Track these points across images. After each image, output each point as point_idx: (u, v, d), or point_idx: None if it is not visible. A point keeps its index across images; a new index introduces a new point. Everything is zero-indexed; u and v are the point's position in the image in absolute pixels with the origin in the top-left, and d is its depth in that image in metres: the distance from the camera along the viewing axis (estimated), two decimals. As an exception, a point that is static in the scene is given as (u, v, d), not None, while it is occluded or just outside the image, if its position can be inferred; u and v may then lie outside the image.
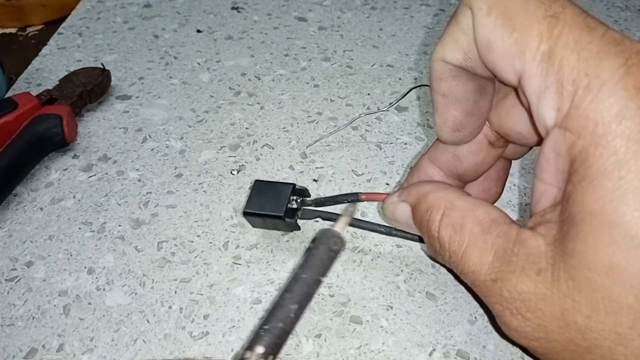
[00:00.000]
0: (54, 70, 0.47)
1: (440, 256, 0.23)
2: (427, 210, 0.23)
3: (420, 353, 0.27)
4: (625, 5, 0.57)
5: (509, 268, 0.20)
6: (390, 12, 0.56)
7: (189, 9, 0.56)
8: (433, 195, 0.23)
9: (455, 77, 0.23)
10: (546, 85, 0.19)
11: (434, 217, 0.23)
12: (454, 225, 0.22)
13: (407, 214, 0.24)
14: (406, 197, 0.25)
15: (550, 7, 0.19)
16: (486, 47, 0.20)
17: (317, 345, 0.27)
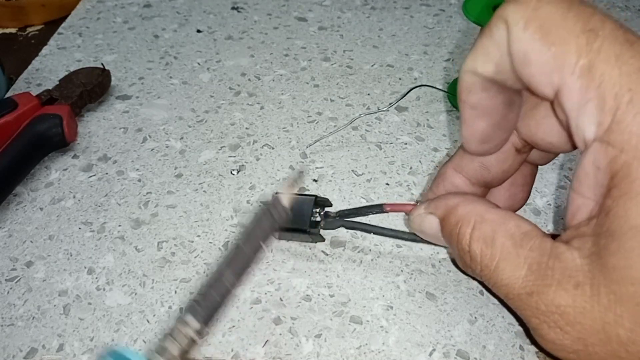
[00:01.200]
0: (54, 70, 0.47)
1: (471, 269, 0.23)
2: (456, 223, 0.23)
3: (420, 353, 0.27)
4: (625, 5, 0.57)
5: (544, 282, 0.20)
6: (390, 12, 0.56)
7: (189, 9, 0.56)
8: (462, 208, 0.23)
9: (485, 90, 0.23)
10: (586, 99, 0.19)
11: (464, 231, 0.23)
12: (485, 239, 0.22)
13: (435, 227, 0.24)
14: (434, 209, 0.25)
15: (589, 21, 0.19)
16: (523, 61, 0.20)
17: (317, 345, 0.27)
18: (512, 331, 0.27)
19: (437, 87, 0.44)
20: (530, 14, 0.20)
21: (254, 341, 0.27)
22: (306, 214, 0.29)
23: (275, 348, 0.27)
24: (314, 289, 0.29)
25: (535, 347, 0.27)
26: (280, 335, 0.27)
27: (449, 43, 0.51)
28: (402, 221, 0.33)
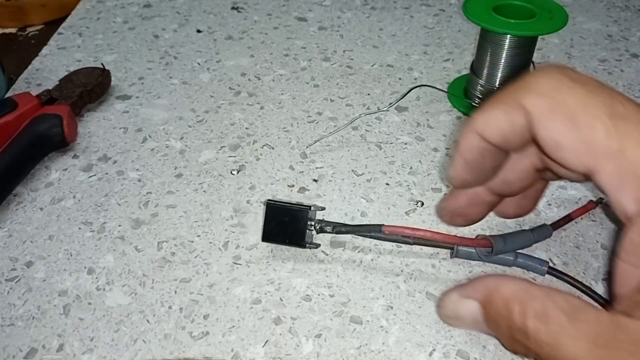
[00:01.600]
0: (54, 70, 0.47)
1: (527, 348, 0.22)
2: (504, 303, 0.22)
3: (420, 353, 0.27)
4: (625, 5, 0.57)
5: (616, 354, 0.20)
6: (390, 12, 0.56)
7: (189, 9, 0.56)
8: (506, 287, 0.23)
9: (484, 153, 0.25)
10: (622, 180, 0.20)
11: (515, 309, 0.22)
12: (538, 315, 0.21)
13: (475, 311, 0.24)
14: (472, 293, 0.24)
15: (612, 106, 0.21)
16: (554, 147, 0.22)
17: (317, 345, 0.27)
18: (512, 331, 0.27)
19: (437, 87, 0.44)
20: (553, 104, 0.21)
21: (254, 341, 0.27)
22: (302, 229, 0.29)
23: (275, 348, 0.27)
24: (314, 289, 0.29)
25: None
26: (280, 335, 0.27)
27: (449, 43, 0.51)
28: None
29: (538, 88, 0.22)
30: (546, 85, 0.22)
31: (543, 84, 0.22)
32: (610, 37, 0.52)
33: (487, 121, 0.24)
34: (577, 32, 0.52)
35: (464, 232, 0.32)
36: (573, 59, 0.49)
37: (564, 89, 0.22)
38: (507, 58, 0.39)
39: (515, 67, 0.39)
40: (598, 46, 0.50)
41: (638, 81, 0.46)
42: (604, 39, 0.51)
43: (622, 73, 0.47)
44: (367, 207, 0.34)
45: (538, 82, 0.22)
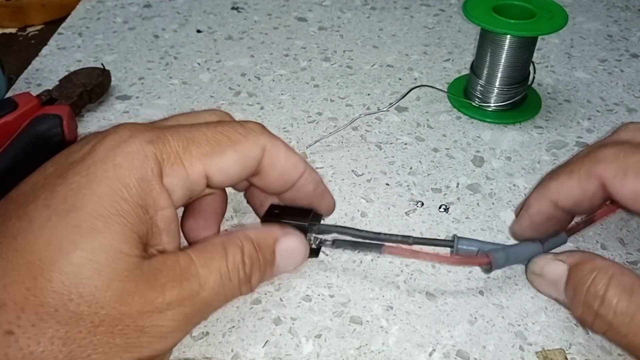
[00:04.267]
0: (54, 70, 0.47)
1: (594, 315, 0.25)
2: (593, 270, 0.25)
3: (420, 353, 0.27)
4: (626, 5, 0.57)
5: None
6: (390, 12, 0.56)
7: (189, 9, 0.56)
8: (600, 261, 0.26)
9: (552, 216, 0.28)
10: None
11: (601, 278, 0.25)
12: (624, 288, 0.24)
13: (561, 272, 0.27)
14: (564, 258, 0.27)
15: None
16: (635, 198, 0.25)
17: (317, 345, 0.27)
18: (512, 331, 0.27)
19: (437, 87, 0.44)
20: (624, 165, 0.25)
21: (254, 341, 0.27)
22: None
23: (275, 348, 0.27)
24: (314, 289, 0.29)
25: None
26: (280, 336, 0.27)
27: (449, 43, 0.51)
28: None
29: (607, 157, 0.26)
30: (613, 153, 0.26)
31: (610, 153, 0.26)
32: (610, 37, 0.52)
33: (561, 190, 0.27)
34: (577, 32, 0.52)
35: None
36: (573, 59, 0.49)
37: (629, 154, 0.25)
38: (507, 58, 0.39)
39: (515, 67, 0.39)
40: (598, 46, 0.50)
41: (638, 81, 0.46)
42: (604, 39, 0.51)
43: (622, 73, 0.47)
44: (367, 207, 0.34)
45: (605, 153, 0.26)
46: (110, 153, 0.22)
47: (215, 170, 0.24)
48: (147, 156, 0.22)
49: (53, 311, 0.19)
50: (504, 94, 0.41)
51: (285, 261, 0.27)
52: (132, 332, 0.21)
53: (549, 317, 0.28)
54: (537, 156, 0.38)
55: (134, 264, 0.21)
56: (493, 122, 0.41)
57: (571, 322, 0.28)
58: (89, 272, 0.20)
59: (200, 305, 0.23)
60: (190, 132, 0.24)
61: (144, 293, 0.21)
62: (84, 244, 0.20)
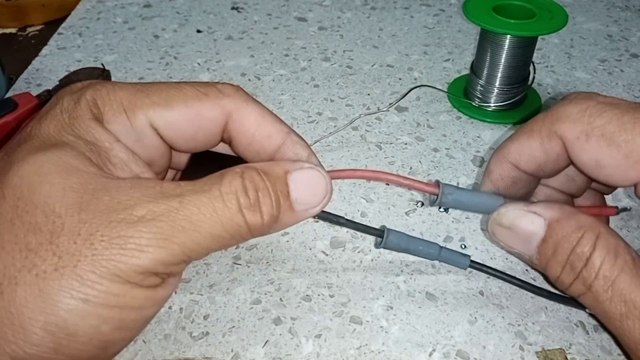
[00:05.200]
0: (54, 70, 0.47)
1: (574, 276, 0.23)
2: (579, 228, 0.23)
3: (420, 353, 0.27)
4: (626, 6, 0.57)
5: None
6: (390, 12, 0.56)
7: (189, 9, 0.56)
8: (583, 217, 0.23)
9: (516, 181, 0.26)
10: None
11: (589, 237, 0.22)
12: (610, 250, 0.22)
13: (538, 227, 0.24)
14: (541, 210, 0.24)
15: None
16: (596, 167, 0.23)
17: (317, 345, 0.27)
18: (512, 331, 0.27)
19: (437, 87, 0.44)
20: (587, 127, 0.23)
21: (254, 341, 0.27)
22: None
23: (275, 348, 0.27)
24: (314, 289, 0.29)
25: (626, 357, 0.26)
26: (280, 336, 0.27)
27: (449, 43, 0.51)
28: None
29: (570, 115, 0.23)
30: (578, 111, 0.23)
31: (574, 111, 0.23)
32: (610, 37, 0.52)
33: (521, 151, 0.25)
34: (577, 32, 0.52)
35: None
36: (573, 59, 0.49)
37: (596, 113, 0.23)
38: (507, 58, 0.39)
39: (515, 67, 0.39)
40: (598, 46, 0.50)
41: (638, 81, 0.46)
42: (604, 39, 0.51)
43: (622, 73, 0.47)
44: (367, 207, 0.34)
45: (569, 110, 0.23)
46: (63, 98, 0.23)
47: (162, 124, 0.23)
48: (88, 101, 0.23)
49: (9, 224, 0.19)
50: (504, 94, 0.41)
51: (305, 193, 0.23)
52: (98, 242, 0.19)
53: (549, 317, 0.28)
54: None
55: (90, 177, 0.20)
56: (493, 122, 0.41)
57: (571, 322, 0.28)
58: (40, 183, 0.20)
59: (182, 223, 0.20)
60: (144, 85, 0.24)
61: (108, 204, 0.20)
62: (32, 158, 0.20)
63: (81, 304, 0.19)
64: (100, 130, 0.22)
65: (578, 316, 0.28)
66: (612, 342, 0.27)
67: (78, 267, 0.19)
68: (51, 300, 0.18)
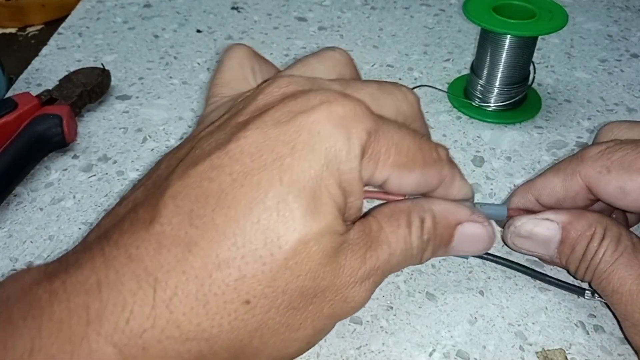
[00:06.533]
0: (54, 70, 0.47)
1: (589, 267, 0.26)
2: (590, 226, 0.26)
3: (420, 353, 0.27)
4: (626, 6, 0.57)
5: None
6: (390, 12, 0.56)
7: (189, 9, 0.56)
8: (591, 215, 0.26)
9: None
10: None
11: (599, 231, 0.26)
12: (613, 238, 0.25)
13: (554, 231, 0.27)
14: (552, 216, 0.27)
15: None
16: (622, 194, 0.25)
17: (317, 345, 0.27)
18: (512, 331, 0.27)
19: (437, 87, 0.44)
20: (607, 162, 0.25)
21: (254, 341, 0.27)
22: None
23: (275, 348, 0.27)
24: (314, 289, 0.29)
25: (628, 342, 0.27)
26: (280, 336, 0.27)
27: (449, 43, 0.51)
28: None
29: (592, 156, 0.26)
30: (597, 152, 0.26)
31: (595, 152, 0.26)
32: (610, 37, 0.52)
33: (545, 185, 0.28)
34: (577, 32, 0.52)
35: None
36: (573, 59, 0.49)
37: (614, 150, 0.26)
38: (507, 58, 0.39)
39: (515, 67, 0.39)
40: (598, 46, 0.50)
41: (638, 81, 0.46)
42: (604, 39, 0.51)
43: (622, 73, 0.47)
44: (367, 207, 0.34)
45: (590, 152, 0.26)
46: (334, 132, 0.21)
47: (395, 181, 0.24)
48: (362, 145, 0.22)
49: (284, 286, 0.21)
50: (504, 94, 0.41)
51: (464, 245, 0.26)
52: (339, 302, 0.22)
53: (549, 317, 0.28)
54: (537, 156, 0.38)
55: (343, 240, 0.22)
56: (493, 122, 0.41)
57: (571, 322, 0.28)
58: (316, 252, 0.21)
59: (386, 273, 0.24)
60: (398, 133, 0.23)
61: (350, 264, 0.22)
62: (315, 226, 0.21)
63: (305, 345, 0.23)
64: (358, 182, 0.22)
65: (578, 316, 0.28)
66: (612, 342, 0.27)
67: (316, 323, 0.22)
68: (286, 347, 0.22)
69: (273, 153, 0.21)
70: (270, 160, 0.21)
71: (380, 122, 0.23)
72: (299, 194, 0.21)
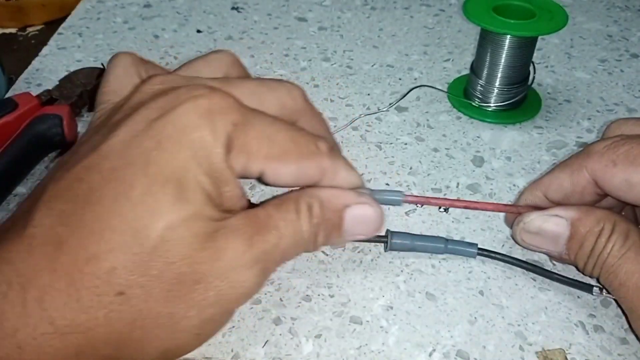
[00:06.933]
0: (54, 70, 0.47)
1: (597, 262, 0.26)
2: (598, 222, 0.26)
3: (420, 353, 0.27)
4: (626, 6, 0.57)
5: None
6: (390, 12, 0.56)
7: (189, 9, 0.56)
8: (599, 211, 0.27)
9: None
10: None
11: (607, 227, 0.26)
12: (621, 233, 0.26)
13: (563, 227, 0.27)
14: (561, 213, 0.27)
15: None
16: (628, 186, 0.26)
17: (317, 345, 0.27)
18: (512, 331, 0.27)
19: (437, 87, 0.44)
20: (613, 156, 0.26)
21: (254, 341, 0.27)
22: None
23: (275, 348, 0.27)
24: (314, 289, 0.29)
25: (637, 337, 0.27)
26: (280, 336, 0.27)
27: (449, 43, 0.51)
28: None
29: (598, 151, 0.27)
30: (603, 147, 0.27)
31: (601, 147, 0.27)
32: (610, 37, 0.52)
33: (553, 181, 0.28)
34: (577, 32, 0.52)
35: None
36: (573, 59, 0.49)
37: (619, 144, 0.26)
38: (507, 58, 0.39)
39: (515, 67, 0.39)
40: (598, 46, 0.50)
41: (638, 81, 0.46)
42: (604, 39, 0.51)
43: (622, 73, 0.47)
44: (367, 207, 0.34)
45: (596, 147, 0.27)
46: (200, 123, 0.22)
47: (271, 173, 0.24)
48: (228, 135, 0.23)
49: (158, 273, 0.21)
50: (504, 94, 0.41)
51: (356, 227, 0.27)
52: (225, 287, 0.22)
53: (549, 317, 0.28)
54: (537, 156, 0.38)
55: (220, 225, 0.22)
56: (493, 122, 0.41)
57: (571, 322, 0.28)
58: (188, 237, 0.21)
59: (278, 259, 0.24)
60: (270, 127, 0.24)
61: (234, 248, 0.22)
62: (182, 213, 0.21)
63: (194, 334, 0.23)
64: (228, 171, 0.23)
65: (578, 316, 0.28)
66: (612, 342, 0.27)
67: (202, 310, 0.22)
68: (174, 338, 0.22)
69: (140, 148, 0.22)
70: (137, 155, 0.21)
71: (250, 115, 0.23)
72: (165, 184, 0.21)
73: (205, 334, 0.23)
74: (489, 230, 0.33)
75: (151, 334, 0.22)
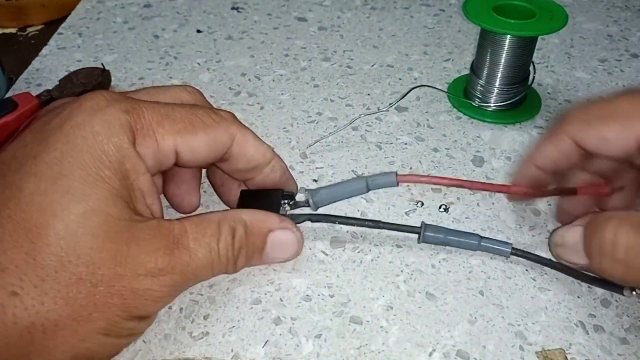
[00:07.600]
0: (54, 70, 0.47)
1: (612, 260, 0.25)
2: (606, 219, 0.26)
3: (420, 353, 0.27)
4: (626, 5, 0.57)
5: None
6: (390, 12, 0.56)
7: (189, 9, 0.56)
8: (607, 213, 0.28)
9: (539, 179, 0.30)
10: None
11: (613, 223, 0.26)
12: (633, 226, 0.25)
13: (579, 234, 0.28)
14: (580, 221, 0.28)
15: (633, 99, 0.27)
16: (603, 142, 0.27)
17: (317, 345, 0.27)
18: (512, 331, 0.27)
19: (437, 87, 0.44)
20: (587, 118, 0.28)
21: (254, 341, 0.27)
22: (275, 207, 0.30)
23: (275, 348, 0.27)
24: (314, 289, 0.29)
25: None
26: (280, 336, 0.27)
27: (449, 43, 0.51)
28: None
29: (574, 115, 0.29)
30: (578, 111, 0.29)
31: (576, 112, 0.29)
32: (610, 37, 0.52)
33: (540, 152, 0.30)
34: (577, 32, 0.52)
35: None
36: (573, 59, 0.49)
37: (592, 106, 0.28)
38: (507, 58, 0.39)
39: (515, 67, 0.39)
40: (598, 46, 0.50)
41: (638, 81, 0.46)
42: (604, 39, 0.51)
43: (622, 73, 0.47)
44: (367, 207, 0.34)
45: (572, 113, 0.29)
46: (87, 119, 0.23)
47: (185, 148, 0.25)
48: (123, 124, 0.23)
49: (53, 273, 0.21)
50: (504, 94, 0.41)
51: (276, 252, 0.28)
52: (128, 293, 0.22)
53: (549, 317, 0.28)
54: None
55: (124, 227, 0.22)
56: (493, 122, 0.41)
57: (571, 322, 0.28)
58: (84, 235, 0.21)
59: (189, 276, 0.24)
60: (165, 108, 0.25)
61: (137, 256, 0.22)
62: (77, 208, 0.21)
63: (103, 338, 0.22)
64: (135, 157, 0.23)
65: (578, 316, 0.28)
66: (612, 342, 0.27)
67: (108, 313, 0.22)
68: (81, 341, 0.22)
69: (28, 155, 0.22)
70: (24, 161, 0.22)
71: (141, 102, 0.24)
72: (55, 182, 0.21)
73: (116, 337, 0.23)
74: (488, 230, 0.33)
75: (56, 337, 0.21)
